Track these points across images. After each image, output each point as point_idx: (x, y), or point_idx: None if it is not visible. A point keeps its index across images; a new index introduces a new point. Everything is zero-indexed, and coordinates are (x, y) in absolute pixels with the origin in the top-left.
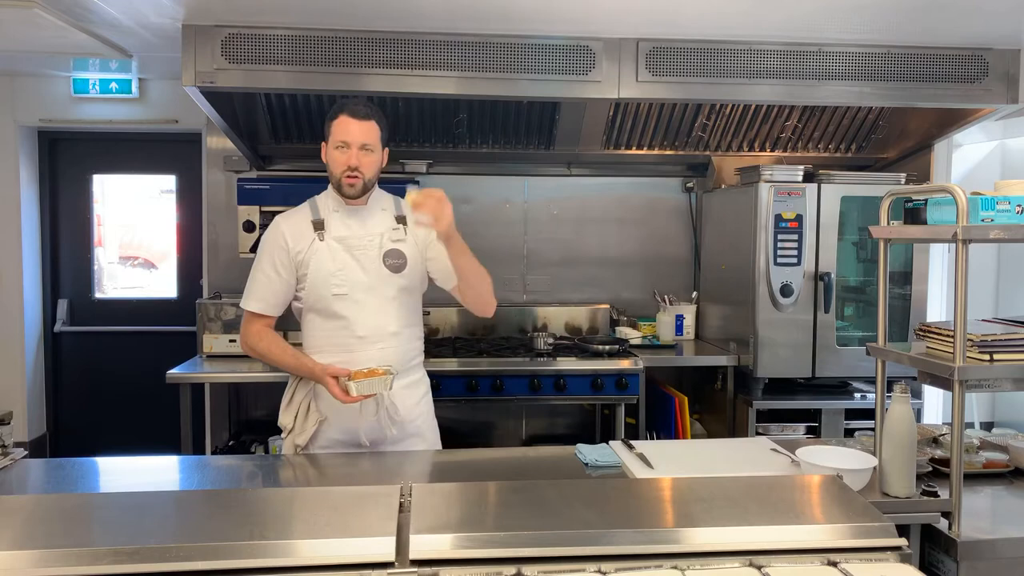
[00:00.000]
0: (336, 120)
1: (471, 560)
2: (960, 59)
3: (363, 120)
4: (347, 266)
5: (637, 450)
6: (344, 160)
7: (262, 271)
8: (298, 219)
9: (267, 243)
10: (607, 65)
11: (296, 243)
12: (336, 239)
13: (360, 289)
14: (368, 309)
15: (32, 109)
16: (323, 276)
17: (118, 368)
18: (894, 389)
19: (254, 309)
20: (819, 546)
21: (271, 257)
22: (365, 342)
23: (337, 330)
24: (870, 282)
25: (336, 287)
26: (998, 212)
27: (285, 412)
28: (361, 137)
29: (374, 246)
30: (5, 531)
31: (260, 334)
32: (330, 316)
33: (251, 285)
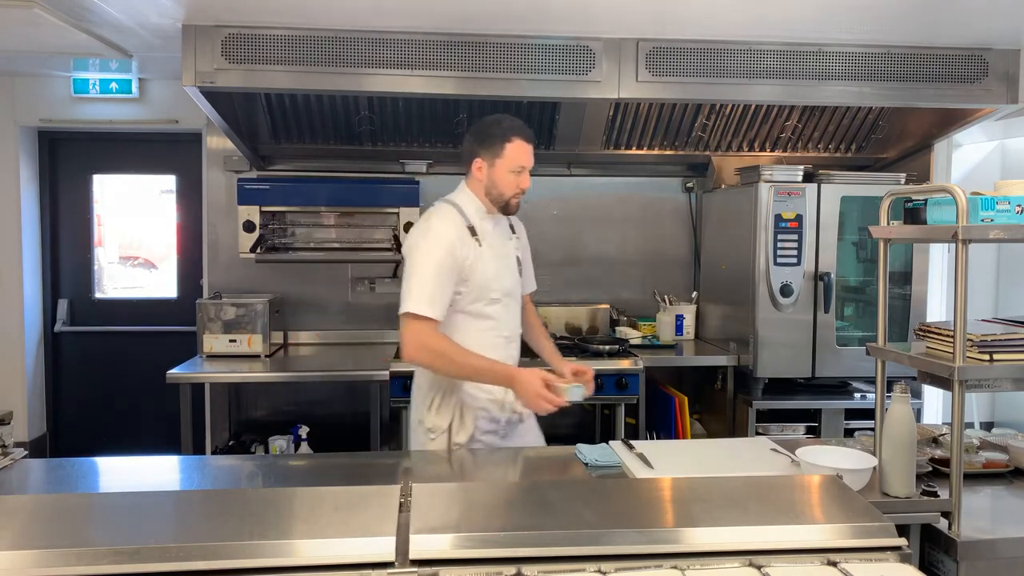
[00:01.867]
0: (512, 144)
1: (471, 560)
2: (960, 59)
3: (532, 143)
4: (501, 272)
5: (637, 450)
6: (518, 183)
7: (434, 277)
8: (458, 225)
9: (436, 248)
10: (607, 65)
11: (463, 249)
12: (490, 246)
13: (507, 293)
14: (511, 311)
15: (32, 109)
16: (485, 281)
17: (118, 368)
18: (894, 389)
19: (431, 314)
20: (819, 546)
21: (441, 263)
22: (509, 341)
23: (487, 331)
24: (870, 282)
25: (494, 291)
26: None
27: (437, 415)
28: (532, 160)
29: (511, 253)
30: (5, 531)
31: (439, 338)
32: (482, 318)
33: (420, 290)
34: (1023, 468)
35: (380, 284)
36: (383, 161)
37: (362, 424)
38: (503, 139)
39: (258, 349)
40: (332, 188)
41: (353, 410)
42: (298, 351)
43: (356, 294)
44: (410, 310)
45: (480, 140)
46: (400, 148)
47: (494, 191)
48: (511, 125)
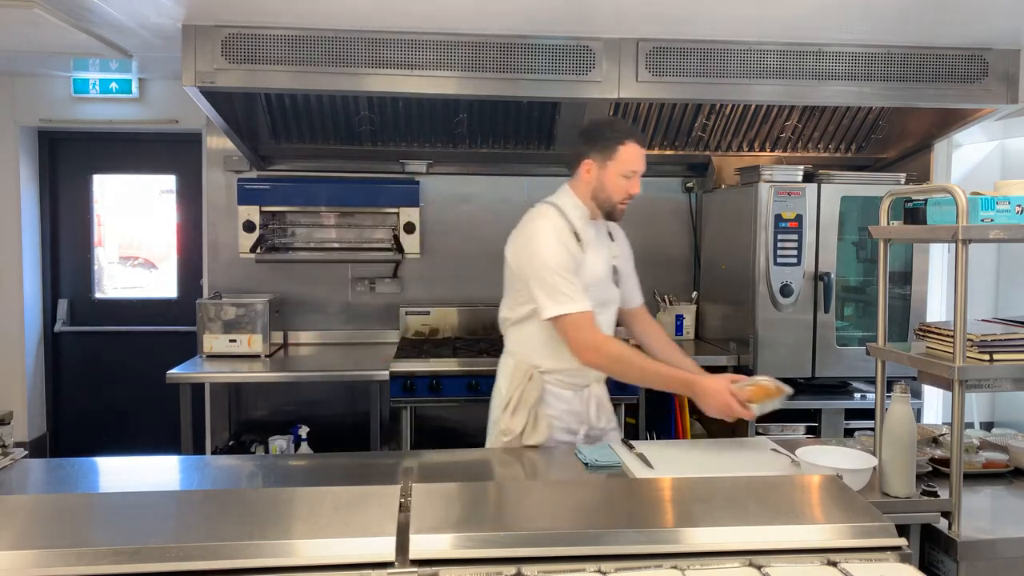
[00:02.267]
0: (625, 146)
1: (471, 560)
2: (960, 59)
3: (644, 148)
4: (598, 281)
5: (637, 450)
6: (628, 188)
7: (564, 277)
8: (562, 226)
9: (556, 256)
10: (607, 65)
11: (573, 250)
12: (593, 253)
13: (603, 303)
14: (606, 321)
15: (32, 109)
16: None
17: (118, 368)
18: (894, 389)
19: (584, 307)
20: (819, 546)
21: (564, 264)
22: None
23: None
24: (870, 282)
25: (591, 299)
26: (998, 212)
27: (513, 417)
28: (644, 164)
29: (608, 261)
30: (5, 531)
31: (610, 341)
32: None
33: (567, 289)
34: (1023, 468)
35: (380, 284)
36: (383, 161)
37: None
38: (617, 141)
39: (258, 349)
40: (332, 188)
41: (353, 410)
42: (298, 351)
43: (356, 294)
44: (566, 311)
45: (592, 141)
46: (400, 148)
47: (602, 194)
48: (625, 128)
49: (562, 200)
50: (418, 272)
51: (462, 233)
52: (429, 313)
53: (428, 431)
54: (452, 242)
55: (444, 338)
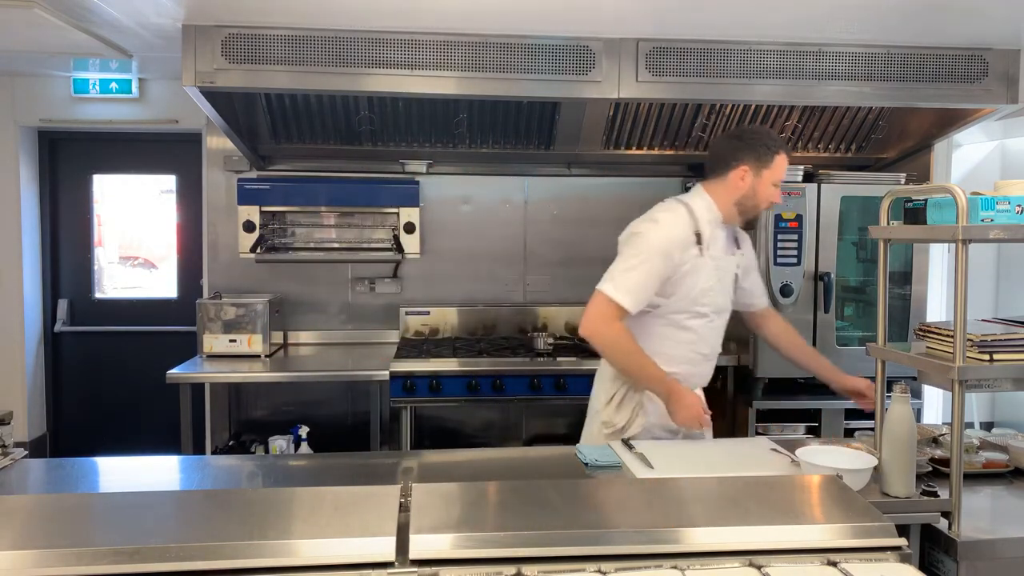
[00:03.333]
0: (780, 157)
1: (471, 560)
2: (960, 59)
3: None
4: (715, 288)
5: (637, 450)
6: (774, 196)
7: (643, 269)
8: (685, 227)
9: (656, 243)
10: (607, 65)
11: (682, 254)
12: (712, 258)
13: (717, 310)
14: (716, 329)
15: (32, 109)
16: (696, 293)
17: (118, 368)
18: (894, 389)
19: (623, 302)
20: (819, 546)
21: (654, 260)
22: (706, 359)
23: (684, 344)
24: (870, 282)
25: (703, 306)
26: (998, 212)
27: (616, 411)
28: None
29: (731, 268)
30: (5, 531)
31: (619, 327)
32: (684, 330)
33: (624, 277)
34: (1023, 468)
35: (380, 284)
36: (383, 161)
37: (362, 424)
38: (774, 150)
39: (258, 349)
40: (332, 188)
41: (353, 410)
42: (298, 351)
43: (356, 294)
44: (602, 289)
45: (750, 147)
46: (400, 148)
47: (750, 201)
48: (779, 138)
49: (695, 201)
50: (418, 272)
51: (462, 233)
52: (429, 313)
53: (428, 431)
54: (452, 242)
55: (444, 338)
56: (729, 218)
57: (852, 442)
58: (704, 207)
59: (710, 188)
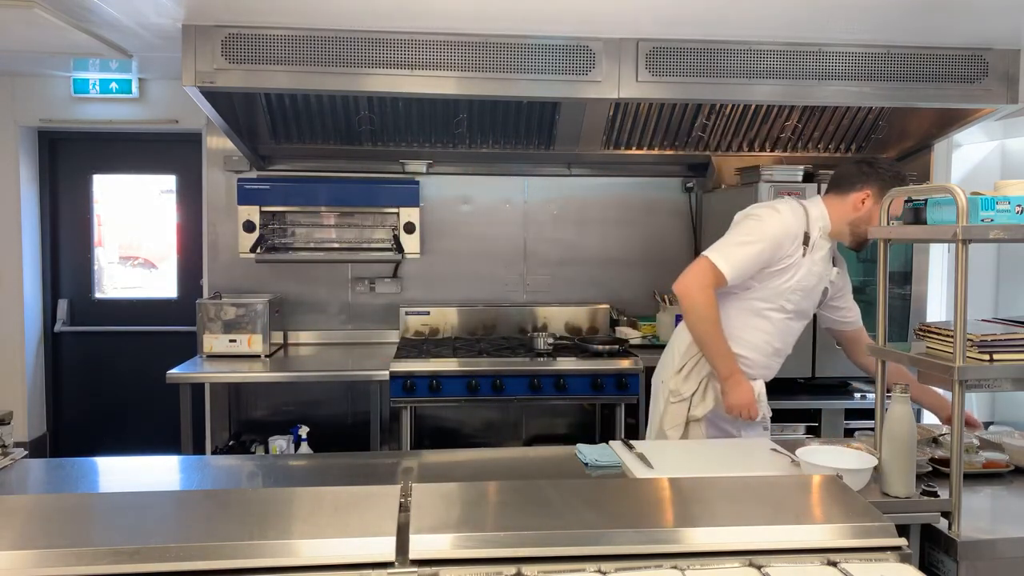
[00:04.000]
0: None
1: (471, 560)
2: (960, 59)
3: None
4: (805, 289)
5: (637, 450)
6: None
7: (752, 246)
8: (800, 224)
9: (770, 226)
10: (607, 65)
11: (790, 247)
12: (812, 262)
13: (800, 310)
14: (793, 330)
15: (32, 109)
16: (787, 287)
17: (118, 368)
18: (894, 389)
19: (724, 270)
20: (819, 546)
21: (765, 240)
22: (777, 354)
23: (761, 332)
24: (870, 282)
25: (789, 302)
26: (998, 212)
27: (684, 381)
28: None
29: (824, 282)
30: (5, 531)
31: (711, 294)
32: (763, 319)
33: (733, 252)
34: (1021, 466)
35: (380, 284)
36: (383, 161)
37: (362, 424)
38: (898, 182)
39: (258, 349)
40: (332, 188)
41: (353, 410)
42: (298, 351)
43: (356, 294)
44: (711, 257)
45: (879, 176)
46: (400, 148)
47: (861, 227)
48: (903, 175)
49: (812, 207)
50: (418, 272)
51: (462, 233)
52: (429, 313)
53: (428, 431)
54: (452, 242)
55: (444, 338)
56: (837, 235)
57: (852, 442)
58: (819, 215)
59: (829, 202)
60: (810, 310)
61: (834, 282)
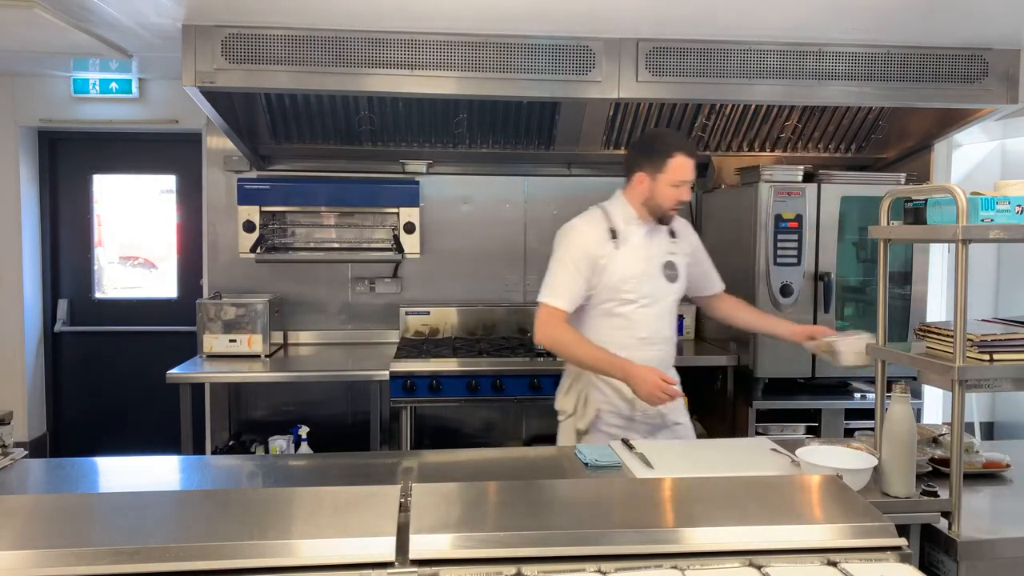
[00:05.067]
0: (674, 159)
1: (471, 560)
2: (960, 59)
3: (695, 158)
4: (638, 274)
5: (637, 450)
6: (677, 196)
7: (567, 271)
8: (598, 227)
9: (572, 246)
10: (607, 65)
11: (598, 248)
12: (630, 249)
13: (646, 297)
14: (653, 315)
15: (32, 109)
16: (612, 282)
17: (118, 368)
18: (894, 389)
19: (558, 305)
20: (819, 546)
21: (575, 260)
22: (645, 343)
23: (620, 329)
24: (870, 282)
25: (627, 292)
26: (998, 212)
27: (565, 398)
28: (693, 174)
29: (657, 257)
30: (5, 531)
31: (563, 328)
32: (614, 317)
33: (554, 283)
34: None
35: (380, 284)
36: (383, 161)
37: (362, 424)
38: (666, 154)
39: (258, 349)
40: (332, 188)
41: (353, 410)
42: (298, 351)
43: (356, 294)
44: (540, 299)
45: (644, 154)
46: (400, 148)
47: (652, 203)
48: (675, 140)
49: (611, 204)
50: (418, 272)
51: (462, 233)
52: (429, 313)
53: (428, 431)
54: (452, 242)
55: (444, 338)
56: (644, 217)
57: (852, 442)
58: (619, 208)
59: (625, 192)
60: (661, 292)
61: (675, 252)
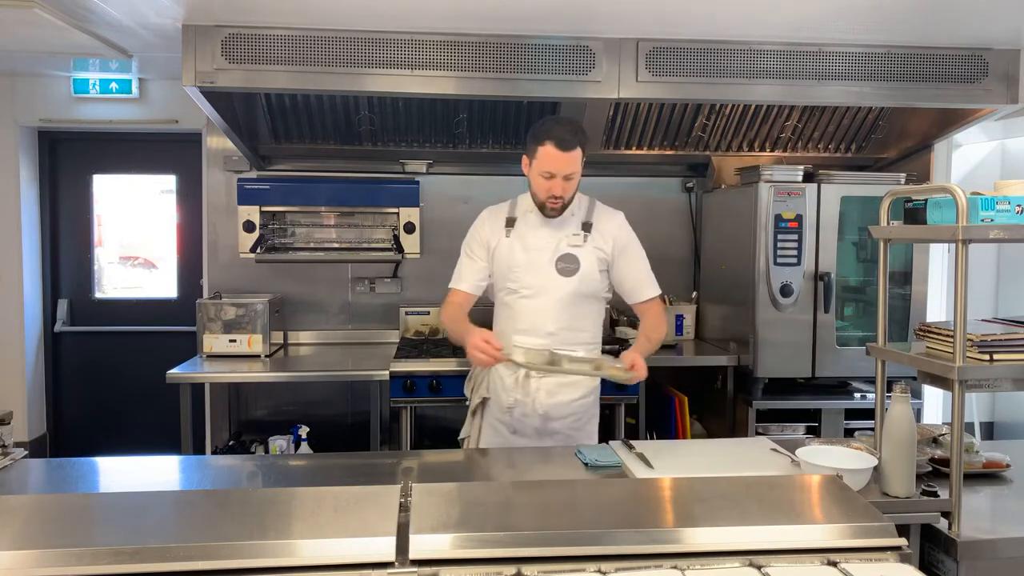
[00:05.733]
0: (543, 147)
1: (471, 560)
2: (960, 59)
3: (569, 152)
4: (521, 265)
5: (637, 450)
6: (548, 188)
7: (465, 254)
8: (499, 213)
9: (472, 230)
10: (607, 65)
11: (491, 235)
12: (518, 238)
13: (528, 287)
14: (530, 307)
15: (32, 109)
16: (502, 270)
17: (118, 368)
18: (894, 389)
19: (455, 285)
20: (819, 546)
21: (471, 243)
22: (523, 334)
23: (507, 319)
24: (870, 282)
25: (511, 281)
26: (998, 212)
27: (467, 384)
28: (566, 168)
29: (549, 248)
30: (5, 531)
31: (449, 307)
32: (504, 306)
33: (458, 268)
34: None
35: (380, 284)
36: (383, 161)
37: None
38: (537, 141)
39: (258, 349)
40: (332, 188)
41: (353, 410)
42: (298, 351)
43: (356, 294)
44: (451, 284)
45: (529, 137)
46: (400, 148)
47: (531, 190)
48: (550, 129)
49: (524, 194)
50: (418, 272)
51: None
52: (429, 313)
53: (428, 431)
54: (452, 242)
55: (444, 338)
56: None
57: (852, 442)
58: (526, 196)
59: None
60: (550, 284)
61: (581, 246)
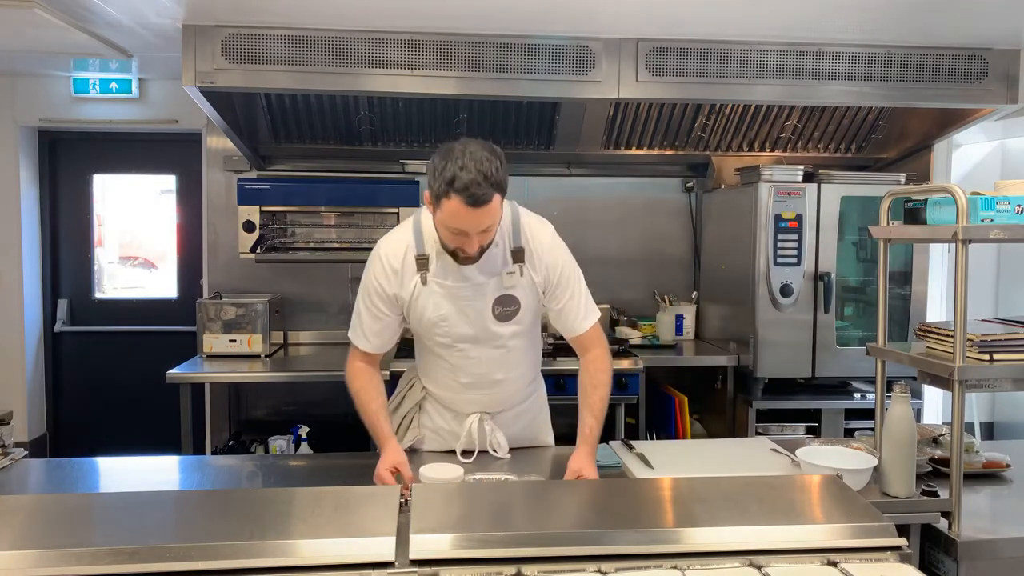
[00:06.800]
0: (450, 201)
1: (471, 560)
2: (960, 59)
3: (482, 207)
4: (450, 317)
5: (637, 450)
6: (460, 243)
7: (366, 308)
8: (400, 253)
9: (367, 280)
10: (607, 65)
11: (401, 288)
12: (438, 283)
13: (465, 340)
14: (471, 359)
15: (32, 109)
16: (425, 325)
17: (118, 368)
18: (894, 389)
19: (357, 343)
20: (819, 546)
21: (372, 298)
22: (469, 387)
23: (443, 371)
24: (870, 282)
25: (440, 336)
26: (998, 212)
27: (394, 416)
28: (480, 224)
29: (480, 295)
30: (5, 531)
31: (356, 372)
32: (437, 356)
33: (357, 322)
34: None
35: None
36: (383, 161)
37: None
38: (442, 195)
39: (258, 349)
40: (332, 188)
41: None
42: (298, 351)
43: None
44: (350, 337)
45: (432, 172)
46: (400, 148)
47: (440, 233)
48: (453, 177)
49: (424, 217)
50: None
51: None
52: None
53: None
54: None
55: None
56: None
57: (852, 442)
58: (428, 225)
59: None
60: (486, 334)
61: (514, 286)
